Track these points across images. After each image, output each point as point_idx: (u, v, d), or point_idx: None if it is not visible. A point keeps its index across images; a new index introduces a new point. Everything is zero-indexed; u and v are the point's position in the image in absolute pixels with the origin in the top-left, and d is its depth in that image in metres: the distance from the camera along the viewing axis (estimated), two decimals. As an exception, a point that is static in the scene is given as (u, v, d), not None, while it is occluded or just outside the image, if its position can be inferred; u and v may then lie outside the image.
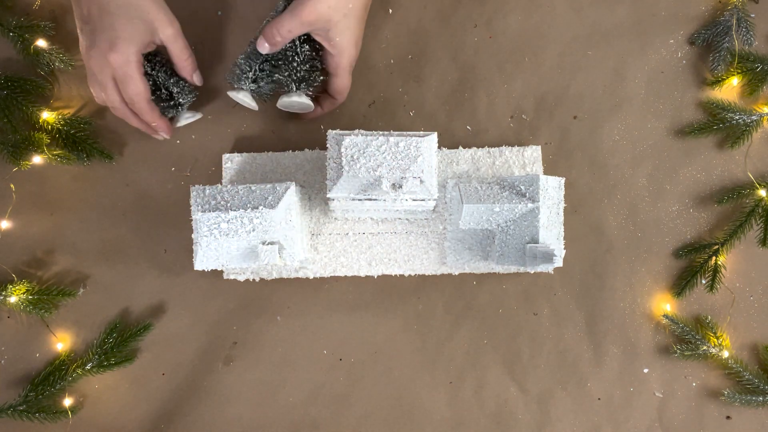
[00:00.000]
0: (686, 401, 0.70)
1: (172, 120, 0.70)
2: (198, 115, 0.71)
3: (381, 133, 0.60)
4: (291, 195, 0.62)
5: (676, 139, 0.72)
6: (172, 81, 0.67)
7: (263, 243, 0.61)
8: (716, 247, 0.70)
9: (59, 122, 0.70)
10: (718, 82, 0.72)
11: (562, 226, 0.67)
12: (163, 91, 0.67)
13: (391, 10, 0.73)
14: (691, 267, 0.71)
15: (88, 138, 0.71)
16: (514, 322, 0.71)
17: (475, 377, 0.70)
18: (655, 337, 0.71)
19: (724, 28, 0.71)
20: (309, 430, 0.70)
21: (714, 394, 0.70)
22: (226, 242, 0.61)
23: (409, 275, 0.71)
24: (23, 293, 0.68)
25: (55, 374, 0.68)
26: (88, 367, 0.69)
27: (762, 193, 0.70)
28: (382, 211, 0.67)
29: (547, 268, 0.69)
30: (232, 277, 0.70)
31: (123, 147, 0.72)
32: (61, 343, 0.70)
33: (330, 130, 0.62)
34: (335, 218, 0.70)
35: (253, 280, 0.70)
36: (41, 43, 0.70)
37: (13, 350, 0.70)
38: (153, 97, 0.66)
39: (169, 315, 0.71)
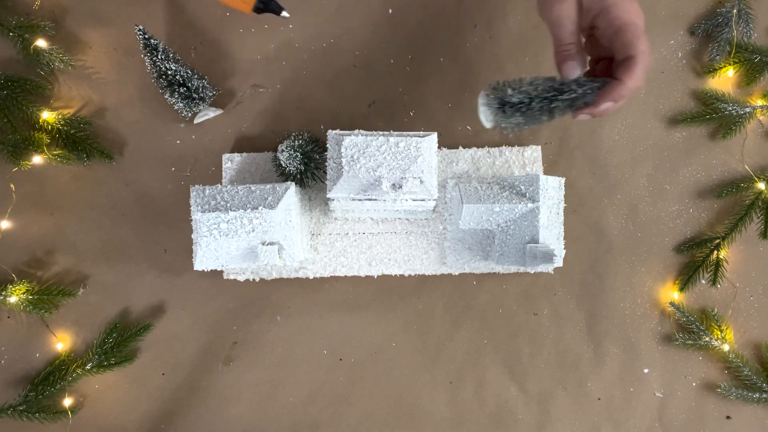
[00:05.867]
0: (686, 401, 0.70)
1: (192, 117, 0.71)
2: (219, 111, 0.71)
3: (381, 133, 0.60)
4: (291, 195, 0.62)
5: (676, 139, 0.72)
6: (196, 76, 0.67)
7: (263, 243, 0.61)
8: (717, 241, 0.70)
9: (59, 122, 0.70)
10: (714, 71, 0.72)
11: (562, 226, 0.67)
12: (185, 86, 0.67)
13: (391, 10, 0.73)
14: (693, 262, 0.71)
15: (88, 138, 0.71)
16: (514, 322, 0.71)
17: (475, 377, 0.70)
18: (656, 333, 0.71)
19: (724, 19, 0.71)
20: (309, 430, 0.70)
21: (714, 393, 0.70)
22: (226, 242, 0.61)
23: (409, 275, 0.71)
24: (23, 293, 0.68)
25: (55, 374, 0.68)
26: (88, 367, 0.69)
27: (761, 186, 0.70)
28: (382, 211, 0.67)
29: (547, 268, 0.69)
30: (232, 277, 0.70)
31: (123, 147, 0.72)
32: (61, 343, 0.70)
33: (330, 130, 0.62)
34: (335, 218, 0.70)
35: (253, 280, 0.70)
36: (41, 43, 0.70)
37: (13, 350, 0.70)
38: (176, 94, 0.67)
39: (169, 315, 0.71)
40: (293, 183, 0.64)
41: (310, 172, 0.65)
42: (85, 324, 0.71)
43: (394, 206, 0.63)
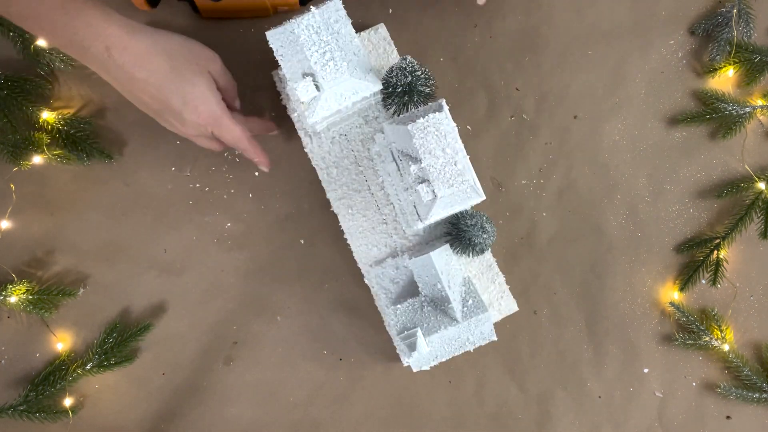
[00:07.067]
0: (686, 401, 0.70)
1: None
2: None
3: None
4: None
5: (676, 139, 0.72)
6: None
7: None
8: (717, 241, 0.70)
9: (59, 122, 0.70)
10: (714, 71, 0.72)
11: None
12: None
13: (391, 10, 0.73)
14: (693, 262, 0.71)
15: (88, 138, 0.71)
16: (514, 322, 0.71)
17: (475, 377, 0.70)
18: (656, 333, 0.71)
19: (724, 19, 0.72)
20: (309, 430, 0.70)
21: (714, 393, 0.70)
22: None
23: (409, 275, 0.71)
24: (23, 293, 0.68)
25: (55, 374, 0.68)
26: (88, 367, 0.69)
27: (761, 185, 0.70)
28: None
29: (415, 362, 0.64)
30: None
31: (123, 147, 0.72)
32: (61, 343, 0.70)
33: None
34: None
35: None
36: (41, 43, 0.70)
37: (13, 350, 0.70)
38: None
39: (169, 315, 0.71)
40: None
41: (417, 91, 0.61)
42: (85, 324, 0.71)
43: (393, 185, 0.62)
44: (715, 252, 0.70)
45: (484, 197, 0.57)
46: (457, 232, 0.61)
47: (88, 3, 0.56)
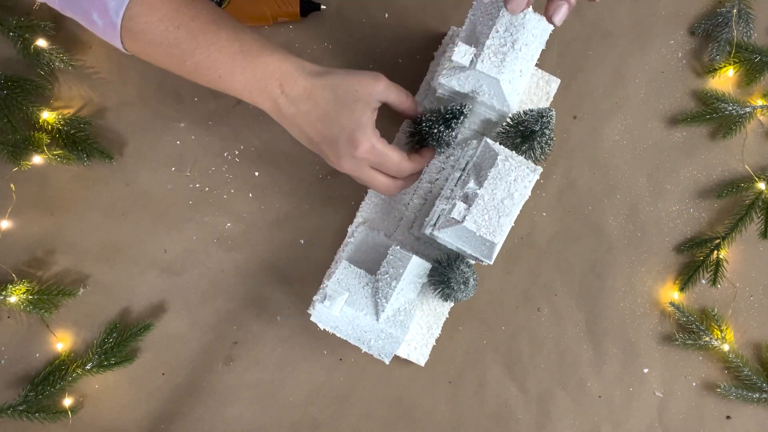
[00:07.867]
0: (686, 401, 0.70)
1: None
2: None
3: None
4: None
5: (676, 139, 0.72)
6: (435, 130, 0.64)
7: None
8: (717, 241, 0.70)
9: (59, 122, 0.70)
10: (714, 71, 0.72)
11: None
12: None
13: (387, 15, 0.73)
14: (693, 262, 0.71)
15: (88, 138, 0.71)
16: (514, 322, 0.71)
17: (475, 377, 0.70)
18: (656, 333, 0.71)
19: (724, 19, 0.72)
20: (309, 430, 0.70)
21: (714, 393, 0.70)
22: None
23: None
24: (23, 293, 0.68)
25: (55, 374, 0.68)
26: (88, 367, 0.69)
27: (761, 186, 0.70)
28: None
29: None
30: None
31: (123, 147, 0.72)
32: (61, 343, 0.70)
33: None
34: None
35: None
36: (41, 43, 0.70)
37: (13, 350, 0.70)
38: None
39: (169, 315, 0.71)
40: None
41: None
42: (85, 324, 0.71)
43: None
44: (715, 252, 0.70)
45: (490, 263, 0.59)
46: (444, 266, 0.61)
47: (265, 45, 0.58)
